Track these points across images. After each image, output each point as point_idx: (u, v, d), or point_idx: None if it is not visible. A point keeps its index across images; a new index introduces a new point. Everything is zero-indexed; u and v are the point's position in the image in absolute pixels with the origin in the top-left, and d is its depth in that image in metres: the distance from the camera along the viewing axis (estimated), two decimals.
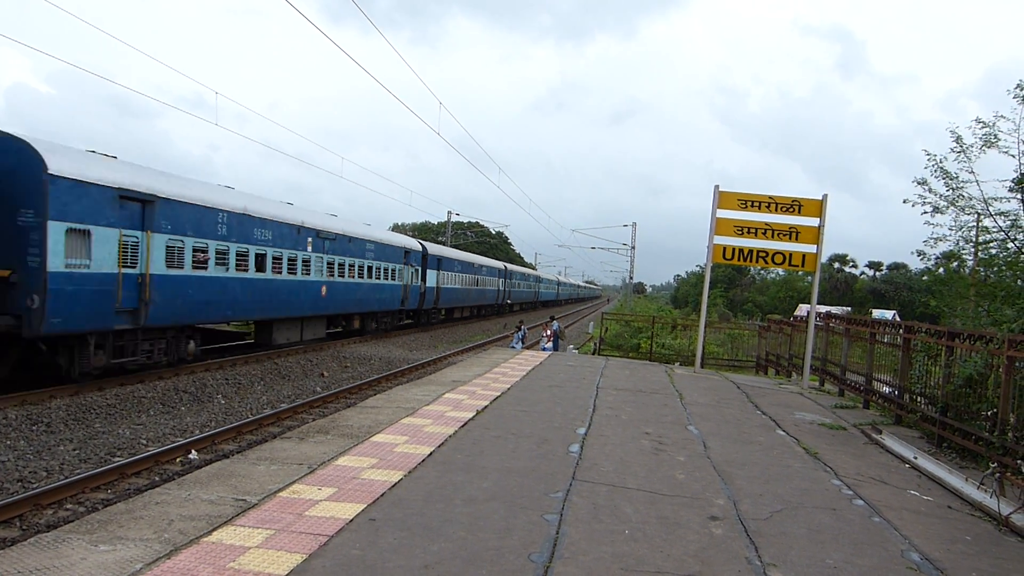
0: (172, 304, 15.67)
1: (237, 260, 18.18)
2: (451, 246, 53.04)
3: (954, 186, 14.93)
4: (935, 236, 15.92)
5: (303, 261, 21.90)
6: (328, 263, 23.72)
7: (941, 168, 14.99)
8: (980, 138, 14.38)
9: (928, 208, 15.34)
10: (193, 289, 16.40)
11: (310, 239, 22.34)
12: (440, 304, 37.33)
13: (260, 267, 19.36)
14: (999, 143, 14.29)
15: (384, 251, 28.89)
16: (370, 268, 27.39)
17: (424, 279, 34.04)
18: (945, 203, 15.12)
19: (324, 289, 23.54)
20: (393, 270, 29.81)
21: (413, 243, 33.68)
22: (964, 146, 14.67)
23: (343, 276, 24.98)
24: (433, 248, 36.94)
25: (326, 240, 23.41)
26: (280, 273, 20.47)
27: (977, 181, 14.81)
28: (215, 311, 17.68)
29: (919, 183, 15.40)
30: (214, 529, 4.73)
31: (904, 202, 15.98)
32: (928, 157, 15.18)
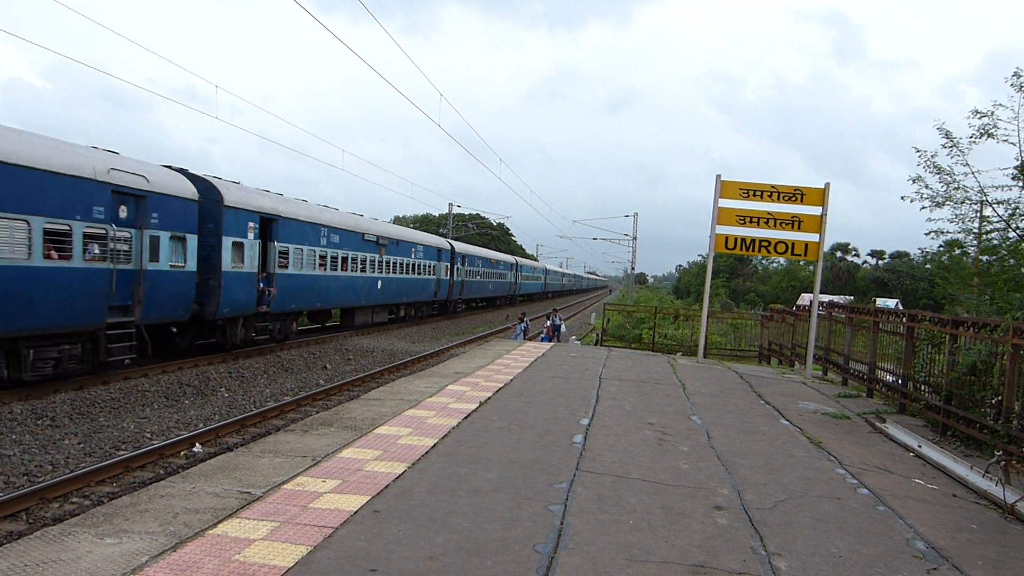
0: (285, 295, 20.83)
1: (330, 262, 23.90)
2: (453, 239, 53.22)
3: (948, 180, 14.88)
4: (936, 230, 15.90)
5: (371, 262, 27.79)
6: (385, 262, 29.66)
7: (934, 164, 14.94)
8: (978, 129, 14.30)
9: (927, 203, 15.31)
10: (300, 284, 21.86)
11: (376, 243, 28.39)
12: (464, 295, 42.32)
13: (344, 267, 25.15)
14: (998, 132, 14.22)
15: (422, 251, 35.84)
16: (413, 265, 33.68)
17: (452, 274, 38.86)
18: (943, 197, 15.09)
19: (381, 283, 29.23)
20: (429, 266, 36.56)
21: (443, 243, 39.15)
22: (955, 140, 14.62)
23: (395, 273, 30.96)
24: (459, 247, 41.44)
25: (384, 244, 29.34)
26: (356, 271, 26.30)
27: (974, 172, 14.75)
28: (314, 300, 23.20)
29: (914, 180, 15.36)
30: (219, 522, 4.73)
31: (902, 199, 15.96)
32: (919, 154, 15.14)
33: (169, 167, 16.76)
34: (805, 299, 48.17)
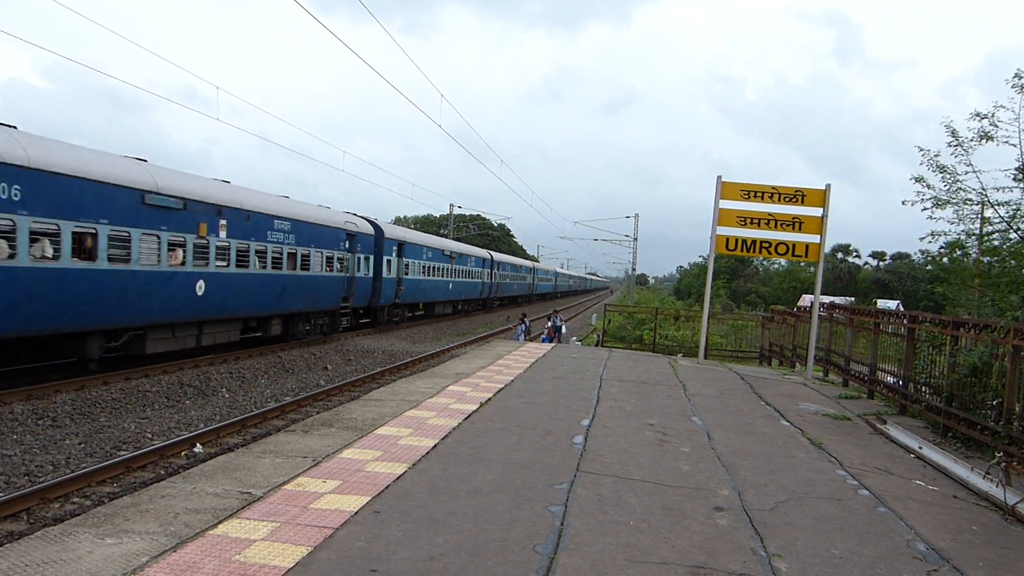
0: (408, 292, 32.29)
1: (428, 270, 35.42)
2: (454, 239, 53.44)
3: (951, 180, 14.85)
4: (936, 231, 15.87)
5: (446, 270, 39.65)
6: (454, 270, 41.15)
7: (937, 164, 14.91)
8: (978, 132, 14.27)
9: (928, 204, 15.28)
10: (415, 285, 33.35)
11: (449, 257, 39.81)
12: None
13: (434, 273, 36.69)
14: (999, 133, 14.19)
15: (474, 260, 45.10)
16: (468, 272, 43.73)
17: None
18: (944, 198, 15.06)
19: (452, 285, 40.60)
20: (478, 272, 45.18)
21: (485, 253, 44.62)
22: (960, 140, 14.58)
23: (459, 277, 42.48)
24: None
25: (453, 257, 40.71)
26: (439, 277, 37.98)
27: (976, 173, 14.73)
28: (420, 296, 35.23)
29: (916, 180, 15.33)
30: (220, 522, 4.74)
31: (903, 203, 15.94)
32: (922, 152, 15.11)
33: (355, 214, 27.92)
34: (806, 300, 48.15)
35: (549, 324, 25.95)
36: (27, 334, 12.56)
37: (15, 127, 12.60)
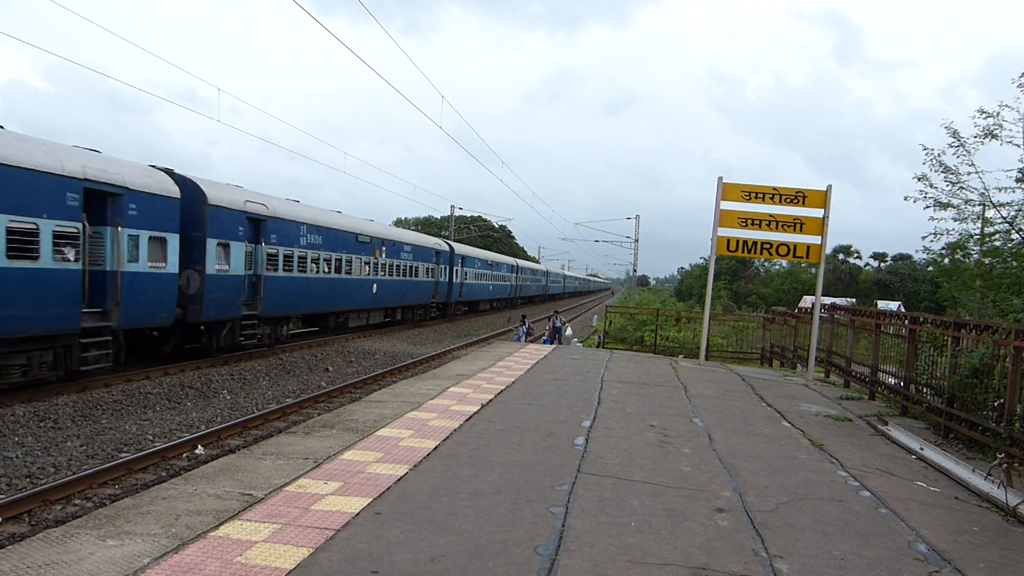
0: (467, 293, 42.86)
1: (482, 277, 45.80)
2: (454, 240, 53.70)
3: (954, 180, 14.85)
4: (938, 231, 15.87)
5: (490, 275, 46.39)
6: (492, 275, 47.19)
7: (940, 163, 14.91)
8: (983, 129, 14.28)
9: (930, 203, 15.28)
10: (473, 288, 44.21)
11: (490, 264, 47.00)
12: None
13: (483, 278, 46.07)
14: (1003, 133, 14.20)
15: (504, 267, 47.17)
16: (502, 276, 47.87)
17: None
18: (947, 197, 15.06)
19: (492, 287, 48.81)
20: (505, 277, 47.38)
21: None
22: (962, 140, 14.58)
23: (494, 281, 47.31)
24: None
25: (493, 265, 45.07)
26: (487, 281, 47.47)
27: (979, 173, 14.73)
28: (477, 295, 45.93)
29: (919, 179, 15.34)
30: (221, 524, 4.74)
31: (905, 199, 15.94)
32: (926, 151, 15.10)
33: (445, 240, 39.60)
34: (807, 301, 48.11)
35: (550, 325, 25.94)
36: (318, 312, 24.73)
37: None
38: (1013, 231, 15.09)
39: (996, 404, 8.14)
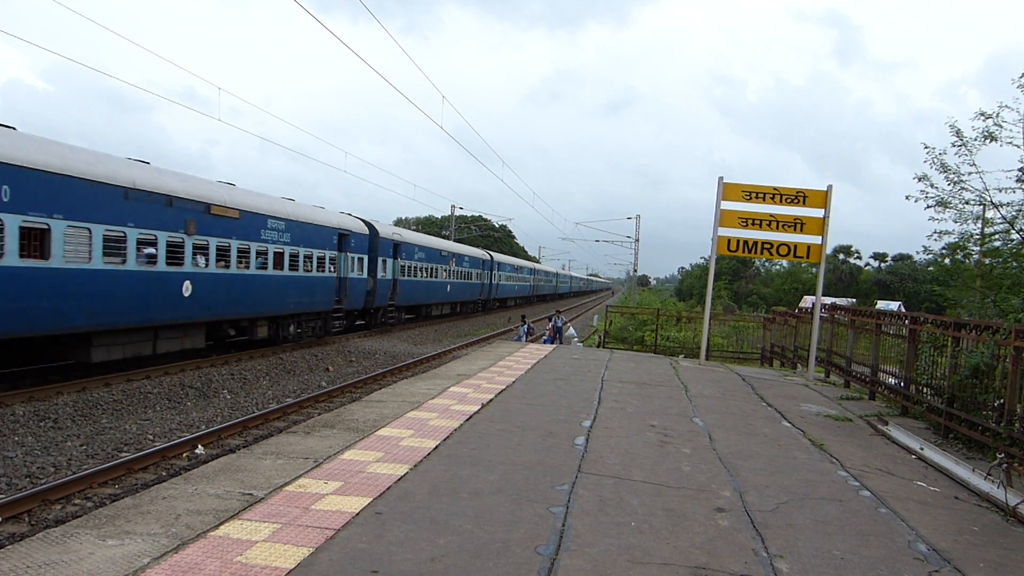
0: (501, 293, 52.99)
1: (511, 280, 56.67)
2: (455, 240, 53.80)
3: (955, 179, 14.84)
4: (939, 231, 15.86)
5: (517, 278, 58.63)
6: (519, 278, 58.76)
7: (941, 163, 14.91)
8: (981, 132, 14.27)
9: (931, 203, 15.27)
10: (507, 287, 54.92)
11: (517, 270, 58.94)
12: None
13: (512, 281, 57.30)
14: (1002, 134, 14.19)
15: (526, 271, 47.59)
16: (525, 279, 59.64)
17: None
18: (948, 197, 15.06)
19: (516, 287, 59.73)
20: (525, 278, 48.90)
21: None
22: (964, 139, 14.58)
23: (515, 283, 59.14)
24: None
25: (519, 270, 56.58)
26: (513, 283, 58.33)
27: (980, 173, 14.73)
28: (505, 294, 54.56)
29: (919, 179, 15.33)
30: (221, 523, 4.74)
31: (907, 198, 15.93)
32: (927, 150, 15.10)
33: (486, 250, 54.39)
34: (807, 301, 48.10)
35: (550, 325, 25.94)
36: (421, 303, 36.32)
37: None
38: (1013, 231, 15.09)
39: (996, 404, 8.14)
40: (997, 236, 15.65)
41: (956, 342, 9.65)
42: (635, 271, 73.07)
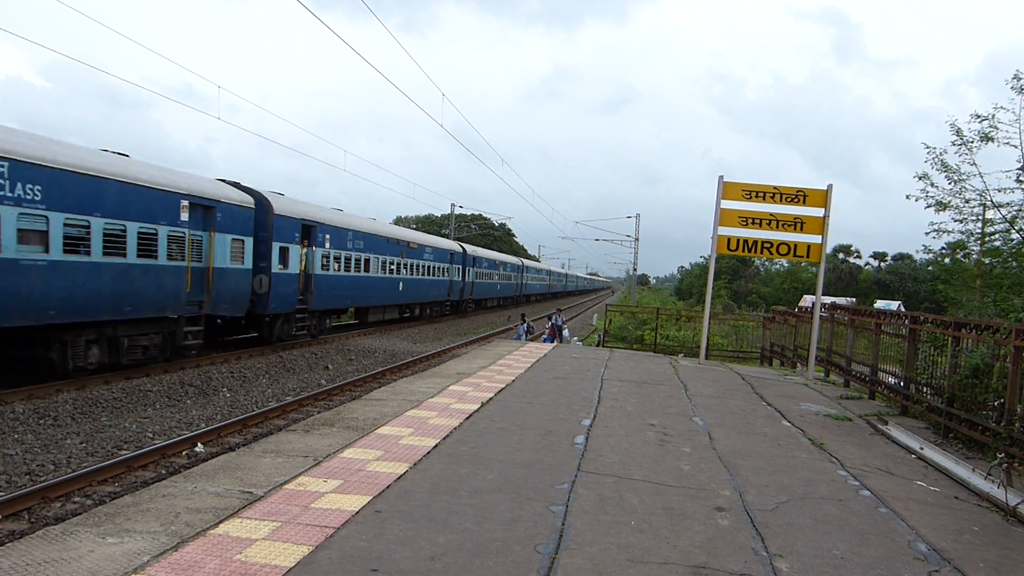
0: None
1: (535, 281, 70.71)
2: (454, 239, 53.78)
3: (956, 179, 14.83)
4: (939, 229, 15.86)
5: (538, 280, 65.73)
6: (540, 279, 65.46)
7: (942, 162, 14.90)
8: (978, 133, 14.26)
9: (932, 202, 15.26)
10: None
11: (538, 272, 68.88)
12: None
13: (538, 282, 72.16)
14: (999, 135, 14.17)
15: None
16: (544, 280, 61.47)
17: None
18: (948, 197, 15.05)
19: (534, 285, 67.92)
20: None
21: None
22: (964, 139, 14.57)
23: (534, 282, 61.86)
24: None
25: (539, 272, 65.84)
26: (532, 282, 66.19)
27: (980, 173, 14.72)
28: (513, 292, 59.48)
29: (920, 178, 15.32)
30: (221, 521, 4.74)
31: (907, 197, 15.92)
32: (928, 150, 15.08)
33: (519, 257, 68.01)
34: (807, 301, 48.08)
35: (550, 324, 25.94)
36: (491, 296, 51.07)
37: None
38: (1013, 231, 15.08)
39: (996, 404, 8.14)
40: (997, 236, 15.65)
41: (956, 342, 9.65)
42: (635, 270, 73.07)
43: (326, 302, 23.25)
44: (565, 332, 27.66)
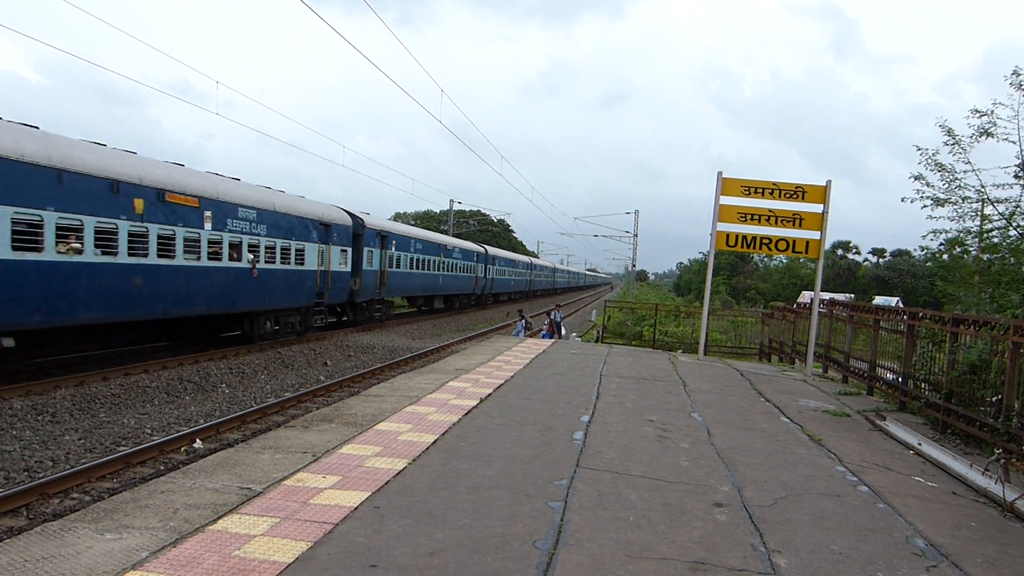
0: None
1: (540, 278, 75.21)
2: (453, 235, 53.57)
3: (950, 178, 14.81)
4: (938, 230, 15.83)
5: (545, 278, 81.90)
6: (551, 277, 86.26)
7: (935, 162, 14.88)
8: (977, 128, 14.22)
9: (928, 202, 15.24)
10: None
11: (547, 269, 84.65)
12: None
13: (548, 280, 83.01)
14: (998, 131, 14.14)
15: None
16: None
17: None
18: (944, 196, 15.02)
19: (539, 282, 75.78)
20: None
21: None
22: (957, 138, 14.54)
23: (545, 279, 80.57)
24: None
25: (550, 270, 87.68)
26: (543, 279, 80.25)
27: (976, 171, 14.70)
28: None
29: (915, 178, 15.29)
30: (219, 517, 4.74)
31: (903, 200, 15.89)
32: (920, 152, 15.07)
33: (531, 255, 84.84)
34: (806, 297, 48.12)
35: (548, 320, 25.96)
36: (506, 292, 58.17)
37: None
38: (1011, 227, 15.08)
39: (994, 400, 8.15)
40: (995, 232, 15.64)
41: (954, 337, 9.66)
42: (633, 266, 73.10)
43: (393, 292, 31.29)
44: (563, 331, 27.68)
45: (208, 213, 17.02)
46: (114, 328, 15.62)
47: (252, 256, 18.94)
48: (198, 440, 10.62)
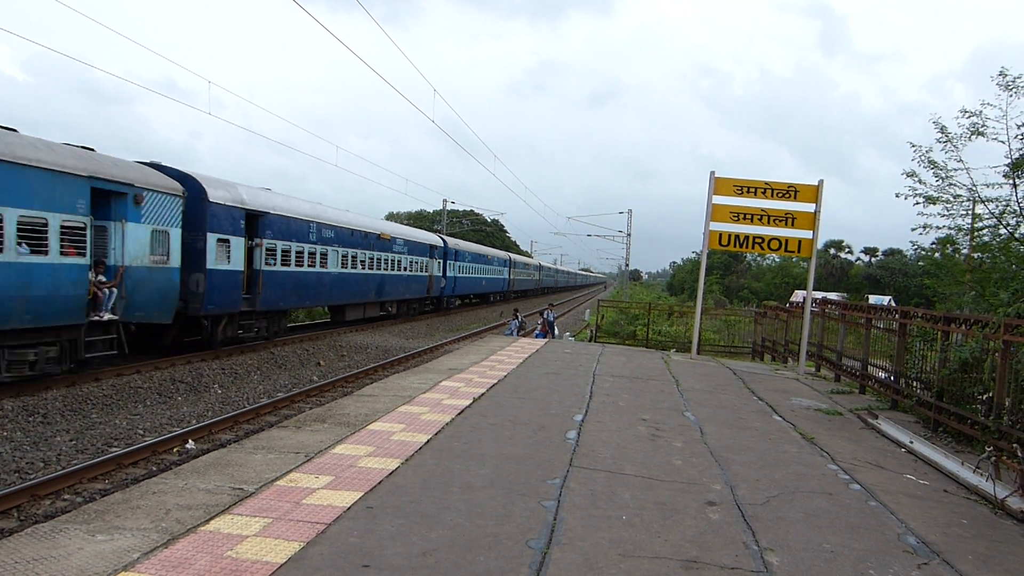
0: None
1: (541, 276, 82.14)
2: (447, 235, 53.57)
3: (943, 175, 14.88)
4: (927, 224, 15.90)
5: (548, 279, 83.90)
6: (555, 278, 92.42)
7: (929, 160, 14.94)
8: (967, 128, 14.29)
9: (920, 200, 15.30)
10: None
11: (552, 269, 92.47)
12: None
13: (548, 278, 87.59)
14: (987, 130, 14.21)
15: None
16: (554, 276, 76.08)
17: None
18: (935, 195, 15.08)
19: (546, 282, 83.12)
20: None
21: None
22: (950, 136, 14.61)
23: (552, 277, 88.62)
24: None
25: (548, 269, 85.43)
26: (548, 280, 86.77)
27: (967, 170, 14.76)
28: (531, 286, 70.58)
29: (908, 175, 15.36)
30: (211, 518, 4.72)
31: (896, 196, 15.95)
32: (914, 148, 15.13)
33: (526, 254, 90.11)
34: (798, 296, 48.28)
35: (542, 320, 25.97)
36: (521, 288, 66.15)
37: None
38: (1001, 226, 15.16)
39: (985, 398, 8.19)
40: (986, 231, 15.72)
41: (945, 336, 9.71)
42: (627, 265, 73.17)
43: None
44: (556, 328, 27.67)
45: None
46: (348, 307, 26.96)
47: None
48: (190, 441, 10.57)
